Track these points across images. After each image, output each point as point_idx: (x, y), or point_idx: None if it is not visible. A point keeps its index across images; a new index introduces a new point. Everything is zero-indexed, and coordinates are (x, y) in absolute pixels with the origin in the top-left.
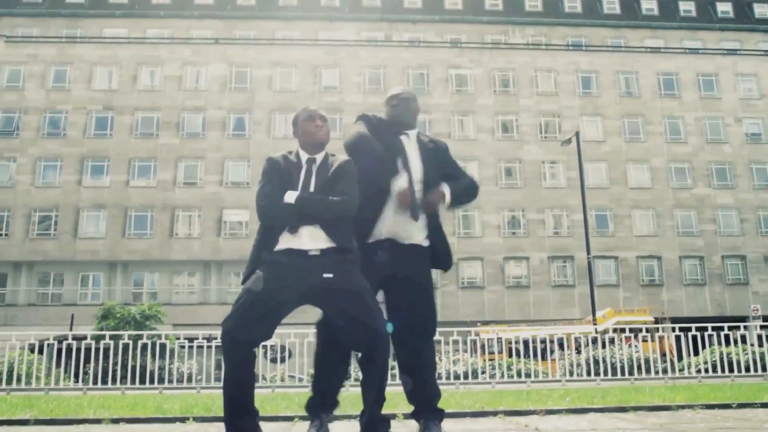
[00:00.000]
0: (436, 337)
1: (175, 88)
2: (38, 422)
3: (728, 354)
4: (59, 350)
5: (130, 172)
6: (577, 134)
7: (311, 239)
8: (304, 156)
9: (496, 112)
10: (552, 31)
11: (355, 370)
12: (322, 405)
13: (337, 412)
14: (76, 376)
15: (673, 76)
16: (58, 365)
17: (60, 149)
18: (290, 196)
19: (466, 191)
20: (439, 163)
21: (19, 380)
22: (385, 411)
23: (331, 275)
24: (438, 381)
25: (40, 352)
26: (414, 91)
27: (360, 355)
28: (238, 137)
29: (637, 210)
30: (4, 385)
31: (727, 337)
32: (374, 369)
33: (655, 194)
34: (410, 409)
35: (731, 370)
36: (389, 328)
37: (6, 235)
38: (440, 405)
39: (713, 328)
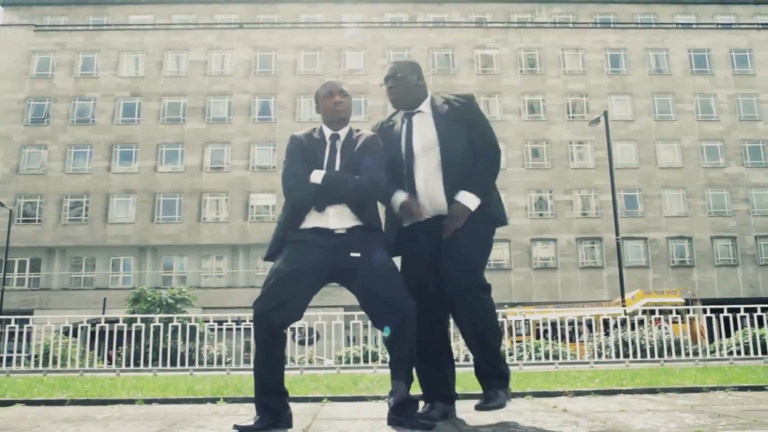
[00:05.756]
0: None
1: (201, 74)
2: (74, 402)
3: (761, 336)
4: (92, 333)
5: (158, 157)
6: (605, 113)
7: (338, 218)
8: (327, 132)
9: (522, 92)
10: (579, 8)
11: (382, 352)
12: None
13: (366, 393)
14: (110, 358)
15: (705, 52)
16: (92, 348)
17: (89, 136)
18: (317, 176)
19: (485, 180)
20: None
21: (54, 362)
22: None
23: (358, 254)
24: (465, 362)
25: (74, 335)
26: (409, 59)
27: (387, 334)
28: (263, 121)
29: (667, 190)
30: (40, 367)
31: (760, 318)
32: (402, 348)
33: (685, 174)
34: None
35: (764, 352)
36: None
37: (39, 221)
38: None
39: (746, 310)
